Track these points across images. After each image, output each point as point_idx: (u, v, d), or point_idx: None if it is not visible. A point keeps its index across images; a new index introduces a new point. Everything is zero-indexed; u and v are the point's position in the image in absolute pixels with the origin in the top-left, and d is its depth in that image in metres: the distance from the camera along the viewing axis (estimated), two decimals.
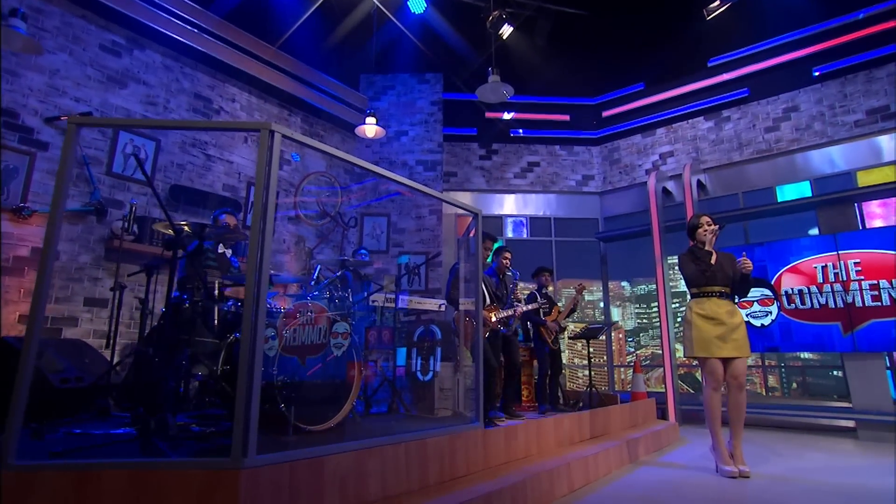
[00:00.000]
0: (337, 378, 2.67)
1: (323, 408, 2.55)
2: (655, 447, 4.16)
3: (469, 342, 3.99)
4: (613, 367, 7.35)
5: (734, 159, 6.57)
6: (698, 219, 3.60)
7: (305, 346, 2.54)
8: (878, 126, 5.70)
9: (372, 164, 2.39)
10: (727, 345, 3.28)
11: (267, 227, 1.91)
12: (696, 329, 3.38)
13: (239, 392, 1.77)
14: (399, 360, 5.04)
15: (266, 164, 1.90)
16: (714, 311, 3.36)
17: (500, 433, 2.79)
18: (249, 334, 1.83)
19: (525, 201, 7.81)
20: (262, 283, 1.90)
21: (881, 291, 5.01)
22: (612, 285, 7.64)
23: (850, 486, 3.02)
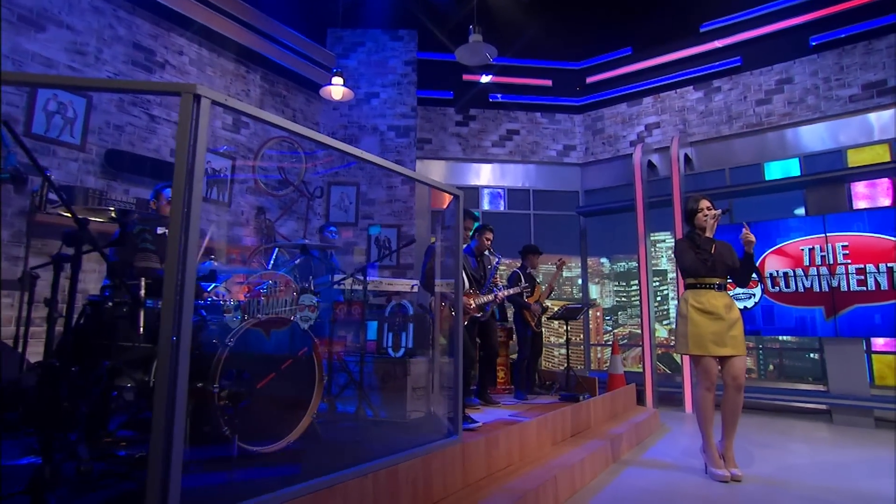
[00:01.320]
0: (296, 380, 2.29)
1: (278, 418, 2.18)
2: (638, 440, 3.98)
3: (446, 332, 3.66)
4: (590, 346, 7.20)
5: (723, 133, 6.29)
6: (697, 202, 3.26)
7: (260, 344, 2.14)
8: (873, 102, 5.47)
9: (327, 137, 1.94)
10: (725, 342, 3.03)
11: (192, 221, 1.46)
12: (691, 324, 3.11)
13: (154, 439, 1.36)
14: (370, 335, 4.69)
15: (189, 139, 1.45)
16: (712, 305, 3.09)
17: (479, 444, 2.49)
18: (169, 359, 1.42)
19: (503, 172, 7.41)
20: (184, 291, 1.47)
21: (867, 276, 4.88)
22: (591, 262, 7.40)
23: (847, 491, 2.87)
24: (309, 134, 1.83)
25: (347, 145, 2.00)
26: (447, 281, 4.14)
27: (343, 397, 3.19)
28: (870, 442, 4.27)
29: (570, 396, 5.18)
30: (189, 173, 1.44)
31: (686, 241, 3.27)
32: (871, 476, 3.19)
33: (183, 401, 1.44)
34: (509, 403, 4.87)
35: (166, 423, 1.37)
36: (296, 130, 1.78)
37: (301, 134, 1.80)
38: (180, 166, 1.43)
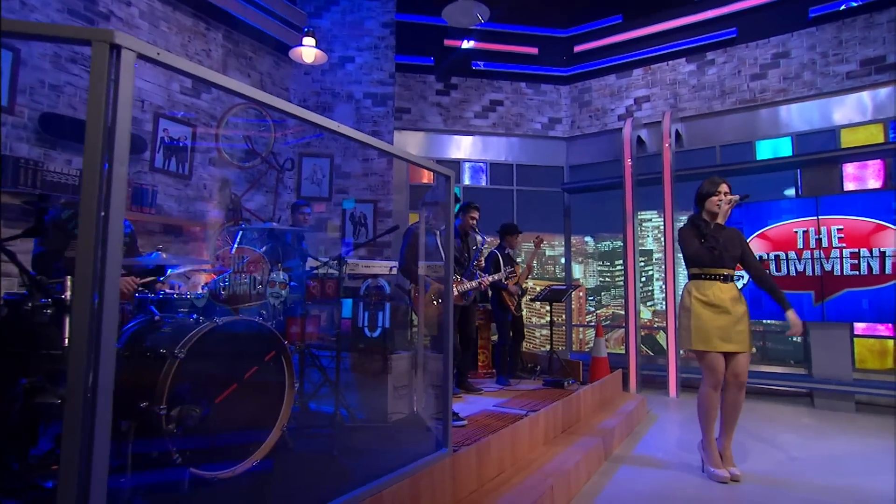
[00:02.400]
0: (263, 389, 1.97)
1: (242, 435, 1.87)
2: (628, 431, 3.82)
3: (430, 323, 3.38)
4: (572, 327, 7.05)
5: (715, 108, 6.05)
6: (715, 185, 2.98)
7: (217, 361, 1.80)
8: (870, 79, 5.29)
9: (288, 104, 1.57)
10: (731, 338, 2.83)
11: (113, 207, 1.10)
12: (696, 318, 2.89)
13: (64, 475, 1.04)
14: (344, 312, 4.40)
15: (103, 101, 1.07)
16: (718, 298, 2.87)
17: (470, 454, 2.23)
18: (78, 375, 1.08)
19: (485, 145, 7.05)
20: (105, 299, 1.12)
21: (861, 260, 4.79)
22: (575, 240, 7.19)
23: (846, 491, 2.75)
24: (266, 99, 1.46)
25: (319, 116, 1.65)
26: (430, 264, 3.84)
27: (317, 394, 2.89)
28: (854, 428, 4.23)
29: (555, 382, 5.01)
30: (108, 145, 1.08)
31: (691, 227, 3.02)
32: (866, 472, 3.09)
33: (104, 437, 1.11)
34: (492, 390, 4.66)
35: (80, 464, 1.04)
36: (250, 95, 1.41)
37: (255, 99, 1.43)
38: (93, 137, 1.06)
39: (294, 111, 1.55)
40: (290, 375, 2.04)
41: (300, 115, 1.59)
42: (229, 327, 1.83)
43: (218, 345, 1.80)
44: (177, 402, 1.62)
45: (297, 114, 1.58)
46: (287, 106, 1.55)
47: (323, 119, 1.65)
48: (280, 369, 2.03)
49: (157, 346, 1.72)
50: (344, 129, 1.69)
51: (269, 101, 1.47)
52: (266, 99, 1.46)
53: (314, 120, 1.60)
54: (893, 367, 5.32)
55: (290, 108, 1.56)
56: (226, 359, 1.84)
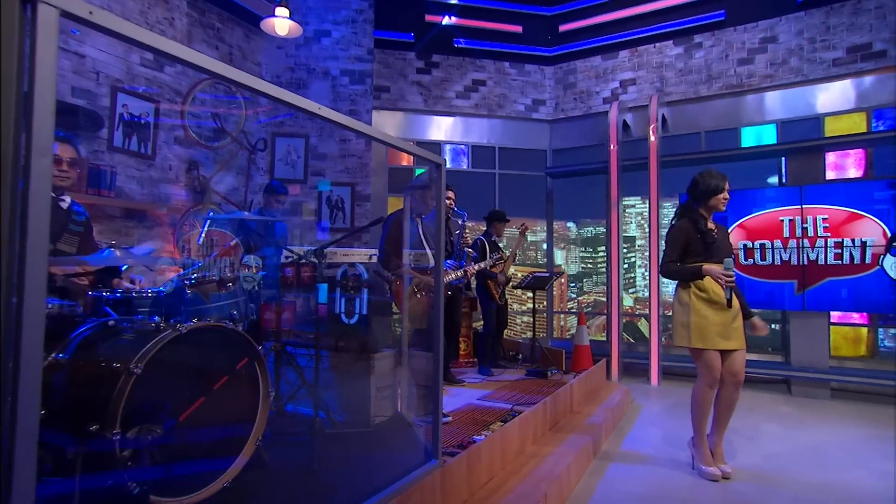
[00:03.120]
0: (234, 401, 1.78)
1: (211, 454, 1.68)
2: (614, 424, 3.76)
3: (414, 315, 3.21)
4: (553, 314, 6.98)
5: (701, 93, 5.95)
6: (721, 180, 2.84)
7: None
8: (855, 66, 5.25)
9: (267, 83, 1.35)
10: (730, 335, 2.74)
11: (33, 193, 0.88)
12: (695, 314, 2.79)
13: None
14: (320, 298, 4.22)
15: (14, 71, 0.84)
16: (717, 294, 2.77)
17: (461, 462, 2.09)
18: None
19: (467, 126, 6.83)
20: (25, 304, 0.91)
21: (843, 250, 4.80)
22: (557, 226, 7.08)
23: (836, 486, 2.73)
24: (233, 74, 1.24)
25: (295, 94, 1.43)
26: (414, 252, 3.66)
27: (295, 395, 2.70)
28: (831, 416, 4.28)
29: (538, 372, 4.93)
30: (26, 120, 0.85)
31: (689, 223, 2.89)
32: (850, 465, 3.09)
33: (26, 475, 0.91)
34: (474, 381, 4.55)
35: None
36: (212, 69, 1.19)
37: (219, 74, 1.20)
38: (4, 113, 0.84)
39: (266, 89, 1.33)
40: (264, 384, 1.85)
41: (274, 94, 1.36)
42: (195, 335, 1.62)
43: (181, 355, 1.59)
44: (133, 423, 1.41)
45: (272, 93, 1.36)
46: (258, 83, 1.33)
47: (300, 99, 1.43)
48: (253, 377, 1.84)
49: (111, 358, 1.50)
50: (325, 112, 1.48)
51: (236, 76, 1.24)
52: (232, 74, 1.24)
53: (290, 100, 1.38)
54: (866, 354, 5.42)
55: (261, 86, 1.33)
56: (191, 370, 1.64)
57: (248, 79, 1.28)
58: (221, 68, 1.20)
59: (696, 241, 2.84)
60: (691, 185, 2.95)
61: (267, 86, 1.32)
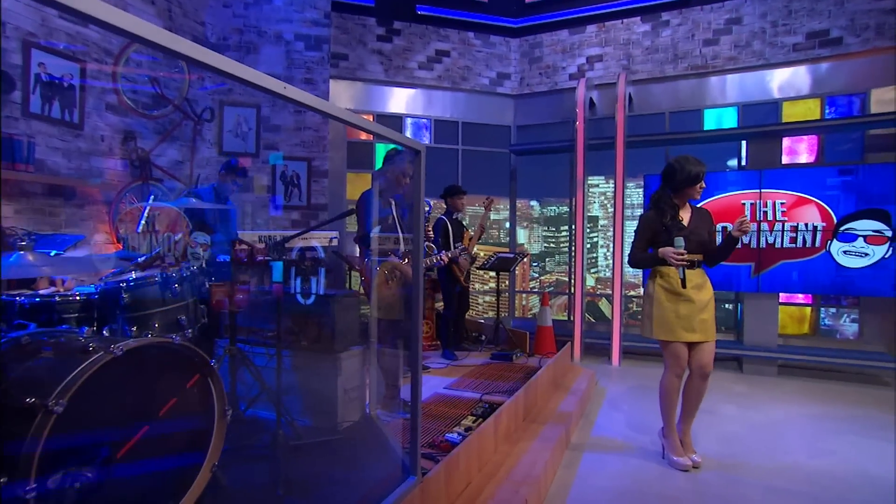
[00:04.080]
0: (184, 425, 1.54)
1: (156, 490, 1.45)
2: (582, 411, 3.74)
3: (386, 306, 3.00)
4: (515, 293, 6.95)
5: (667, 73, 5.90)
6: (699, 166, 2.76)
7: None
8: (813, 52, 5.32)
9: (208, 52, 1.09)
10: (694, 327, 2.72)
11: None
12: (657, 306, 2.76)
13: None
14: (274, 276, 3.97)
15: None
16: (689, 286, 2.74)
17: (439, 475, 1.96)
18: None
19: (430, 99, 6.54)
20: None
21: (798, 234, 4.94)
22: (520, 204, 6.98)
23: (798, 471, 2.81)
24: (160, 39, 0.97)
25: (250, 69, 1.16)
26: (383, 235, 3.43)
27: (251, 395, 2.47)
28: (780, 393, 4.47)
29: (503, 356, 4.88)
30: None
31: (656, 215, 2.82)
32: (805, 448, 3.20)
33: None
34: (439, 367, 4.44)
35: None
36: (132, 31, 0.91)
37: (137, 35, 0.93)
38: None
39: (227, 67, 1.07)
40: (220, 401, 1.62)
41: (234, 71, 1.10)
42: (134, 355, 1.36)
43: (118, 381, 1.33)
44: (56, 468, 1.17)
45: (229, 69, 1.09)
46: (195, 50, 1.06)
47: (262, 76, 1.17)
48: (207, 395, 1.60)
49: (24, 391, 1.22)
50: (292, 92, 1.23)
51: (165, 41, 0.98)
52: (182, 47, 0.97)
53: (251, 79, 1.12)
54: (809, 332, 5.70)
55: (200, 55, 1.07)
56: (131, 397, 1.39)
57: (200, 52, 1.01)
58: (167, 39, 0.94)
59: (661, 233, 2.79)
60: (667, 172, 2.86)
61: (226, 61, 1.06)
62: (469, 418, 3.04)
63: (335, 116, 1.39)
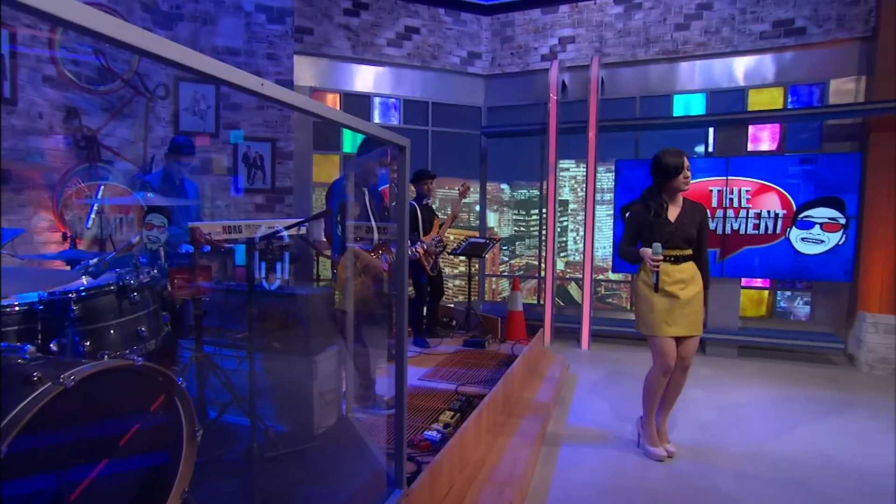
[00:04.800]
0: (148, 452, 1.41)
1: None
2: (557, 400, 3.76)
3: (360, 301, 2.89)
4: (485, 277, 6.92)
5: (638, 56, 5.88)
6: (680, 157, 2.73)
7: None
8: (779, 41, 5.40)
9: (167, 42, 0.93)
10: (678, 322, 2.74)
11: None
12: (644, 303, 2.77)
13: None
14: (238, 260, 3.80)
15: None
16: (663, 281, 2.75)
17: (424, 485, 1.89)
18: None
19: (399, 78, 6.31)
20: None
21: (760, 221, 5.08)
22: (491, 187, 6.90)
23: (761, 455, 2.91)
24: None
25: (221, 63, 1.01)
26: (356, 224, 3.28)
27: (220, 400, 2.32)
28: (743, 375, 4.64)
29: (476, 342, 4.86)
30: None
31: (643, 209, 2.80)
32: (773, 431, 3.32)
33: None
34: (412, 355, 4.38)
35: None
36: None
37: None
38: None
39: (168, 53, 0.91)
40: (189, 422, 1.49)
41: (184, 60, 0.94)
42: (88, 383, 1.21)
43: (69, 414, 1.18)
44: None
45: (180, 59, 0.93)
46: (149, 40, 0.90)
47: (237, 72, 1.01)
48: (174, 416, 1.47)
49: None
50: (270, 90, 1.08)
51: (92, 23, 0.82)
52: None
53: (225, 76, 0.97)
54: (766, 314, 5.94)
55: (155, 46, 0.91)
56: (86, 429, 1.24)
57: (154, 42, 0.85)
58: (114, 28, 0.78)
59: (646, 228, 2.77)
60: (653, 165, 2.83)
61: (191, 54, 0.90)
62: (447, 413, 2.99)
63: (321, 115, 1.25)
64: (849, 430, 3.39)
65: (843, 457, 2.98)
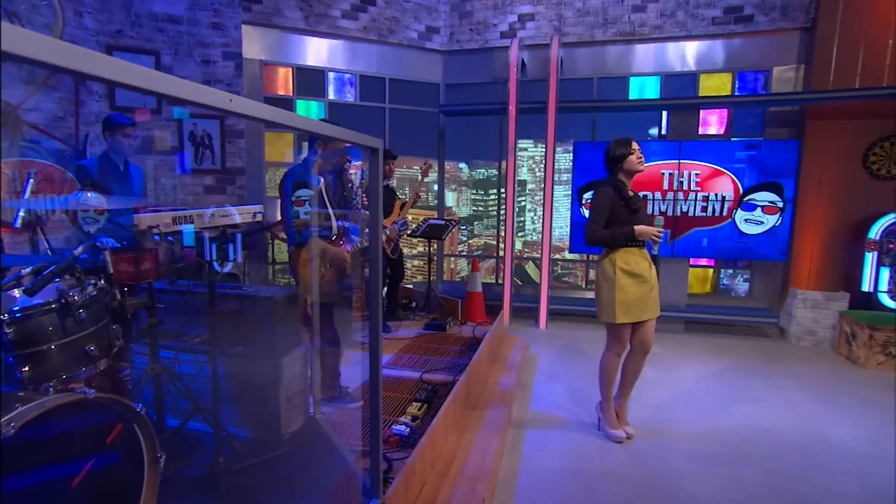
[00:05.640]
0: (107, 487, 1.31)
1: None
2: (520, 384, 3.84)
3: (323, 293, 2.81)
4: (444, 257, 6.91)
5: (597, 37, 5.89)
6: (627, 145, 2.80)
7: None
8: (729, 28, 5.54)
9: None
10: (647, 307, 2.85)
11: None
12: (619, 290, 2.81)
13: None
14: (186, 241, 3.62)
15: None
16: (640, 267, 2.84)
17: (399, 490, 1.89)
18: None
19: (354, 52, 6.05)
20: None
21: (708, 203, 5.29)
22: (449, 166, 6.83)
23: (714, 432, 3.10)
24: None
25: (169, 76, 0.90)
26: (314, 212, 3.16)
27: (178, 409, 2.21)
28: (690, 351, 4.90)
29: (437, 325, 4.88)
30: None
31: (613, 190, 2.84)
32: (718, 408, 3.54)
33: None
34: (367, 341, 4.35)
35: None
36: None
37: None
38: None
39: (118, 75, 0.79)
40: (150, 449, 1.40)
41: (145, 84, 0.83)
42: (33, 426, 1.09)
43: (12, 463, 1.07)
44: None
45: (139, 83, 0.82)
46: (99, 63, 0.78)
47: (197, 88, 0.90)
48: (134, 444, 1.37)
49: None
50: (240, 105, 0.98)
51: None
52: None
53: (174, 92, 0.86)
54: (710, 291, 6.28)
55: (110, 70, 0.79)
56: (32, 476, 1.13)
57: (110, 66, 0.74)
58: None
59: (620, 209, 2.83)
60: (607, 156, 2.89)
61: (149, 74, 0.79)
62: (414, 405, 3.00)
63: (297, 127, 1.16)
64: (782, 401, 3.67)
65: (779, 427, 3.23)
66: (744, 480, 2.61)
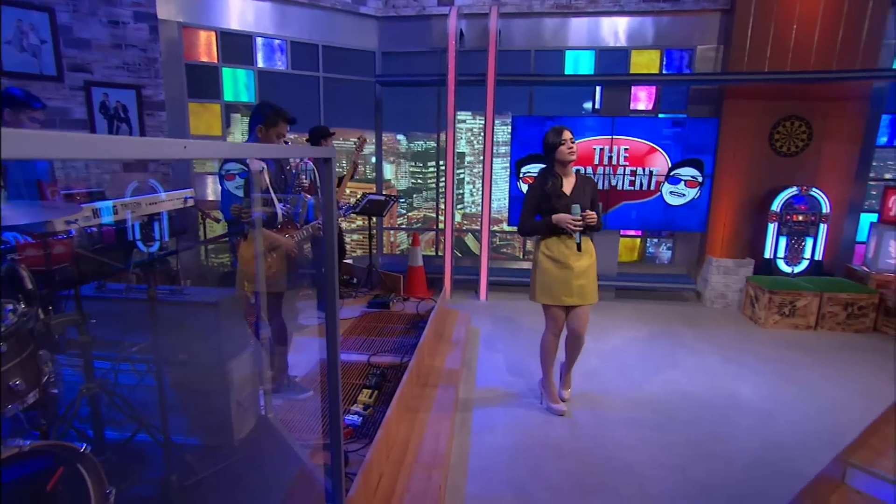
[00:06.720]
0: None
1: None
2: (465, 362, 3.96)
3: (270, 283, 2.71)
4: (383, 230, 6.84)
5: (534, 9, 5.86)
6: (560, 134, 2.88)
7: None
8: (658, 6, 5.71)
9: None
10: (571, 292, 3.00)
11: None
12: (540, 272, 3.04)
13: None
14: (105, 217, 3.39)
15: None
16: (562, 254, 2.98)
17: (360, 489, 1.92)
18: None
19: (284, 16, 5.65)
20: None
21: (636, 178, 5.56)
22: (387, 138, 6.67)
23: (645, 399, 3.38)
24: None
25: None
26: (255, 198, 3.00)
27: (117, 421, 2.09)
28: (621, 318, 5.24)
29: (380, 303, 4.89)
30: None
31: (538, 184, 2.97)
32: (647, 376, 3.85)
33: None
34: (316, 322, 4.29)
35: None
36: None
37: None
38: None
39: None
40: (97, 485, 1.32)
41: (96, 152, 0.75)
42: None
43: None
44: None
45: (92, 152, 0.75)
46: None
47: (147, 143, 0.83)
48: (80, 484, 1.29)
49: None
50: (195, 149, 0.90)
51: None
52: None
53: (124, 154, 0.79)
54: (637, 259, 6.70)
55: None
56: None
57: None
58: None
59: (545, 200, 2.94)
60: (543, 145, 2.98)
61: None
62: (364, 392, 3.03)
63: (261, 155, 1.08)
64: (700, 365, 4.06)
65: (697, 390, 3.58)
66: (670, 444, 2.90)
